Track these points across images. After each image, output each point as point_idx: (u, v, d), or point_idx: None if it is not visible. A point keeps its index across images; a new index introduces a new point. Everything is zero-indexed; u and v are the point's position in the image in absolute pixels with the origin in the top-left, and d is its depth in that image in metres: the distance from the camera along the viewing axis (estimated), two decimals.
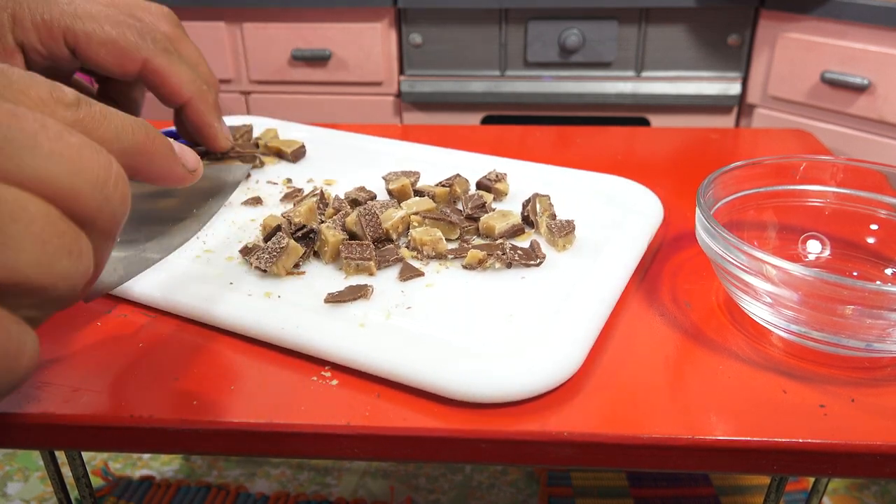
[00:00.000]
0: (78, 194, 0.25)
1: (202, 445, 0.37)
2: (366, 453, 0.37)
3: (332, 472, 1.17)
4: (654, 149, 0.75)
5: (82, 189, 0.25)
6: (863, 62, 1.26)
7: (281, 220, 0.50)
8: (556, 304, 0.43)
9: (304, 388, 0.39)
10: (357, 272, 0.47)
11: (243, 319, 0.42)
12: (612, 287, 0.45)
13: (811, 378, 0.39)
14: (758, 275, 0.39)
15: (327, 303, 0.44)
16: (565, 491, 1.12)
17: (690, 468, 0.37)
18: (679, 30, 1.43)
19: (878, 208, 0.49)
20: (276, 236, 0.47)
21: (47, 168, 0.24)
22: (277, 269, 0.46)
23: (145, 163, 0.31)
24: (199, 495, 1.13)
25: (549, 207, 0.54)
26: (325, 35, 1.49)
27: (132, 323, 0.44)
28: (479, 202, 0.53)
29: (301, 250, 0.47)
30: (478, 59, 1.50)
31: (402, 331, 0.41)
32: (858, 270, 0.48)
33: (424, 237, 0.49)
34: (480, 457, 0.37)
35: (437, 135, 0.75)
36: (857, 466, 0.36)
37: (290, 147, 0.65)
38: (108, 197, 0.26)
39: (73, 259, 0.24)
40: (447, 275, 0.47)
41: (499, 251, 0.48)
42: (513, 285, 0.46)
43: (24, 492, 1.15)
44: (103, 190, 0.25)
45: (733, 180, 0.49)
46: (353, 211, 0.50)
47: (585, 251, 0.50)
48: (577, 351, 0.39)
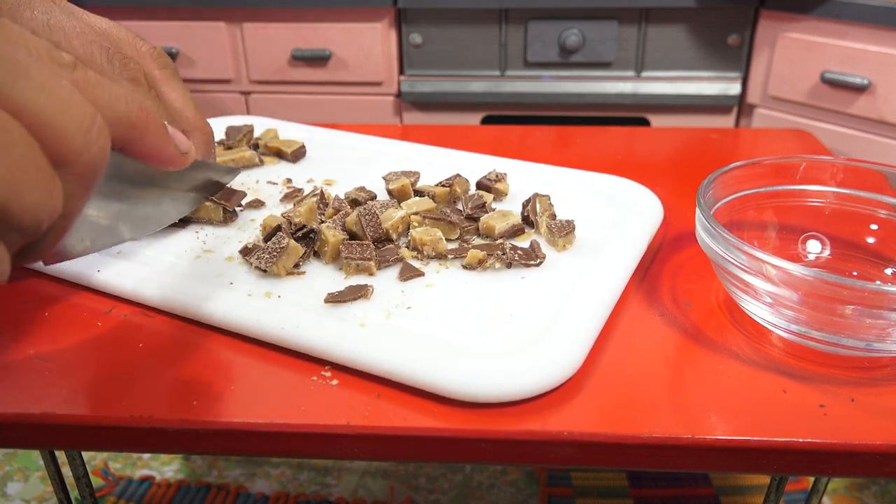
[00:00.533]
0: (62, 133, 0.25)
1: (202, 445, 0.37)
2: (366, 453, 0.37)
3: (332, 472, 1.17)
4: (654, 149, 0.75)
5: (67, 128, 0.25)
6: (863, 62, 1.26)
7: (281, 220, 0.50)
8: (556, 304, 0.43)
9: (304, 388, 0.39)
10: (357, 272, 0.47)
11: (243, 319, 0.42)
12: (612, 287, 0.45)
13: (811, 378, 0.39)
14: (758, 275, 0.39)
15: (327, 303, 0.44)
16: (565, 491, 1.12)
17: (690, 468, 0.37)
18: (679, 30, 1.43)
19: (877, 208, 0.49)
20: (276, 236, 0.47)
21: (36, 99, 0.25)
22: (277, 269, 0.46)
23: (137, 136, 0.31)
24: (199, 495, 1.13)
25: (549, 207, 0.54)
26: (325, 35, 1.49)
27: (132, 323, 0.44)
28: (479, 202, 0.53)
29: (301, 250, 0.47)
30: (478, 59, 1.50)
31: (402, 331, 0.41)
32: (858, 270, 0.48)
33: (424, 237, 0.49)
34: (480, 457, 0.37)
35: (436, 135, 0.75)
36: (856, 466, 0.36)
37: (290, 147, 0.65)
38: (88, 144, 0.26)
39: (43, 195, 0.25)
40: (447, 275, 0.47)
41: (499, 251, 0.48)
42: (513, 285, 0.46)
43: (24, 492, 1.15)
44: (86, 136, 0.26)
45: (733, 180, 0.49)
46: (353, 211, 0.50)
47: (585, 251, 0.50)
48: (577, 351, 0.39)
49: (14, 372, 0.40)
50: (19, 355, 0.41)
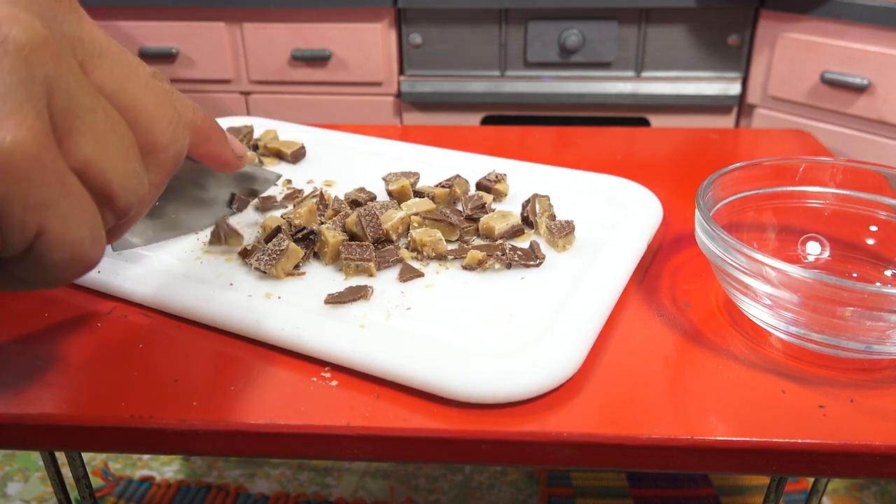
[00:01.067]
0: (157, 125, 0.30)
1: (202, 446, 0.37)
2: (365, 453, 0.37)
3: (332, 473, 1.17)
4: (654, 149, 0.75)
5: (161, 122, 0.30)
6: (863, 62, 1.26)
7: (281, 221, 0.50)
8: (556, 304, 0.44)
9: (303, 388, 0.39)
10: (357, 273, 0.47)
11: (244, 320, 0.42)
12: (612, 288, 0.45)
13: (810, 380, 0.39)
14: (757, 277, 0.39)
15: (327, 304, 0.44)
16: (565, 491, 1.12)
17: (690, 468, 0.37)
18: (679, 30, 1.43)
19: (877, 209, 0.49)
20: (276, 238, 0.47)
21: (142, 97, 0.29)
22: (276, 272, 0.46)
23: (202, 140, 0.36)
24: (199, 495, 1.13)
25: (548, 208, 0.54)
26: (325, 35, 1.49)
27: (132, 323, 0.44)
28: (478, 203, 0.53)
29: (301, 253, 0.47)
30: (478, 59, 1.50)
31: (402, 331, 0.41)
32: (858, 272, 0.48)
33: (424, 238, 0.49)
34: (480, 457, 0.37)
35: (436, 135, 0.75)
36: (856, 466, 0.36)
37: (290, 148, 0.65)
38: (175, 138, 0.31)
39: (140, 181, 0.29)
40: (447, 275, 0.47)
41: (498, 252, 0.48)
42: (512, 286, 0.46)
43: (24, 492, 1.15)
44: (174, 131, 0.31)
45: (733, 181, 0.49)
46: (354, 212, 0.50)
47: (585, 251, 0.50)
48: (576, 351, 0.39)
49: (14, 372, 0.40)
50: (19, 355, 0.41)
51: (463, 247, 0.50)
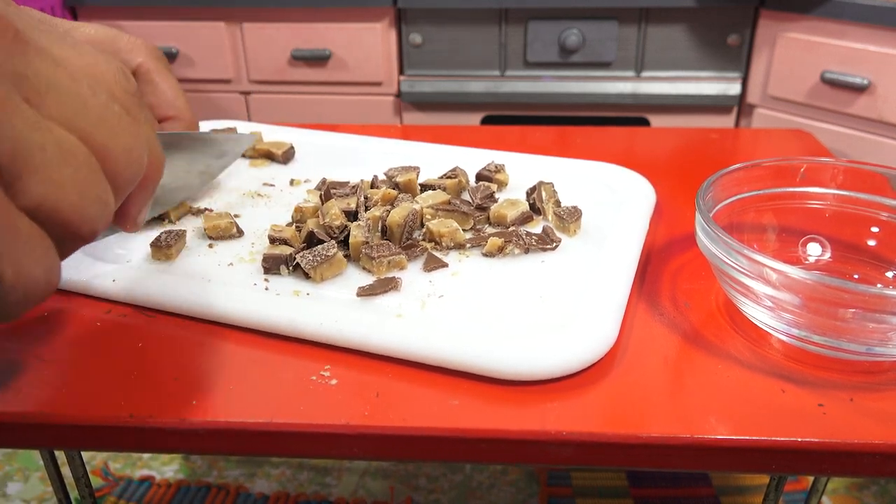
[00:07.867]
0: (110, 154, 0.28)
1: (202, 445, 0.37)
2: (365, 453, 0.37)
3: (332, 472, 1.17)
4: (654, 149, 0.75)
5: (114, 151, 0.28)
6: (863, 62, 1.26)
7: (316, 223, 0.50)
8: (582, 283, 0.46)
9: (303, 387, 0.39)
10: (389, 268, 0.47)
11: (281, 319, 0.43)
12: (629, 266, 0.48)
13: (811, 380, 0.39)
14: (758, 278, 0.39)
15: (360, 296, 0.44)
16: (565, 491, 1.12)
17: (690, 467, 0.37)
18: (679, 30, 1.43)
19: (879, 210, 0.49)
20: (327, 244, 0.47)
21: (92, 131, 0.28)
22: (316, 275, 0.46)
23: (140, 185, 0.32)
24: (199, 495, 1.13)
25: (553, 195, 0.55)
26: (324, 35, 1.49)
27: (132, 323, 0.44)
28: (487, 192, 0.55)
29: (345, 265, 0.47)
30: (478, 59, 1.50)
31: (441, 318, 0.42)
32: (859, 273, 0.48)
33: (441, 229, 0.50)
34: (480, 457, 0.37)
35: (436, 135, 0.75)
36: (855, 465, 0.36)
37: (280, 148, 0.65)
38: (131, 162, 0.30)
39: (101, 208, 0.28)
40: (469, 263, 0.49)
41: (515, 237, 0.49)
42: (535, 269, 0.48)
43: (24, 492, 1.15)
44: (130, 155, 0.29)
45: (733, 182, 0.48)
46: (397, 207, 0.51)
47: (593, 234, 0.52)
48: (611, 324, 0.42)
49: (14, 372, 0.40)
50: (19, 355, 0.41)
51: (478, 235, 0.51)
